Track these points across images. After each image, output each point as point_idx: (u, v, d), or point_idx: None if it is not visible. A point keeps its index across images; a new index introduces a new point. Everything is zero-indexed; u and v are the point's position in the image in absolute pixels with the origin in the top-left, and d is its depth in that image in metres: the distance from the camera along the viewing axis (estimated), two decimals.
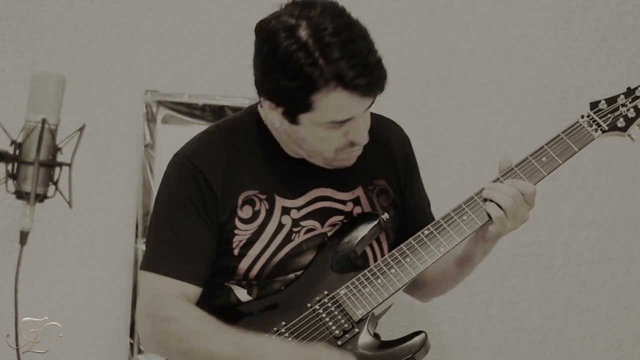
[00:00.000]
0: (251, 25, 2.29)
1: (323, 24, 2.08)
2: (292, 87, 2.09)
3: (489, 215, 2.21)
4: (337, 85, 2.08)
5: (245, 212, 2.26)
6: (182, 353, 2.19)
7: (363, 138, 2.20)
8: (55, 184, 2.37)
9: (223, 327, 2.17)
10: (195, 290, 2.23)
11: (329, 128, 2.16)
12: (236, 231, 2.25)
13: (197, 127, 2.83)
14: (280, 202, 2.27)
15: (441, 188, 3.04)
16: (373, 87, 2.11)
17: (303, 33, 2.08)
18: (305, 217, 2.28)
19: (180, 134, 2.40)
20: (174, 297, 2.19)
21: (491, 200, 2.21)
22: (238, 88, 3.01)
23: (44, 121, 2.23)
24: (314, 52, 2.07)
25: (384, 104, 2.30)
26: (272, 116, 2.20)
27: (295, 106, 2.13)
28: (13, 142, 2.36)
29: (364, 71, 2.08)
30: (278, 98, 2.14)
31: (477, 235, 2.27)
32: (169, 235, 2.23)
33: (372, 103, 2.18)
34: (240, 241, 2.26)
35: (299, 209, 2.28)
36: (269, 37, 2.11)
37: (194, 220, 2.23)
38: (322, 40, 2.07)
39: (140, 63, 3.01)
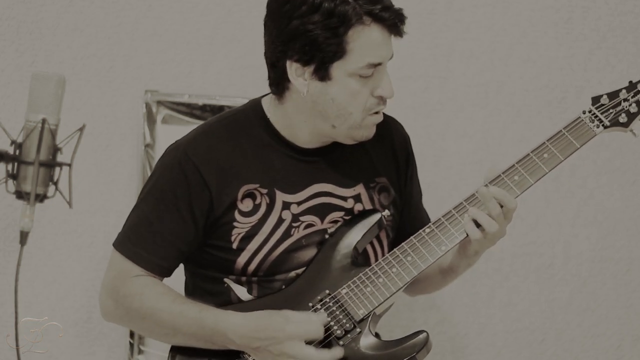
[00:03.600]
0: (251, 25, 2.30)
1: None
2: (327, 30, 2.14)
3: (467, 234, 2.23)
4: (369, 19, 2.15)
5: (246, 205, 2.26)
6: (146, 328, 2.31)
7: (391, 91, 2.24)
8: (55, 184, 2.36)
9: (184, 302, 2.24)
10: (158, 279, 2.29)
11: (360, 79, 2.18)
12: (235, 224, 2.26)
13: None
14: (280, 196, 2.28)
15: (441, 188, 3.04)
16: (399, 19, 2.19)
17: None
18: (304, 212, 2.29)
19: (180, 134, 2.40)
20: (137, 275, 2.26)
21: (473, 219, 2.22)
22: (238, 88, 3.01)
23: (44, 121, 2.22)
24: None
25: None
26: (299, 82, 2.21)
27: (329, 54, 2.16)
28: (13, 142, 2.35)
29: (388, 6, 2.18)
30: (311, 52, 2.17)
31: (459, 251, 2.29)
32: (143, 221, 2.28)
33: (392, 56, 2.24)
34: (239, 234, 2.26)
35: (299, 203, 2.28)
36: None
37: (171, 212, 2.25)
38: None
39: (140, 63, 3.01)
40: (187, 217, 2.25)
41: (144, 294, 2.25)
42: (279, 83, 2.25)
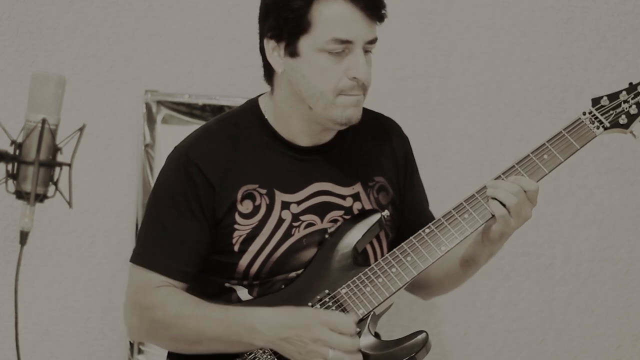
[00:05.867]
0: (251, 25, 2.30)
1: None
2: (292, 2, 2.15)
3: (492, 214, 2.21)
4: None
5: (245, 206, 2.26)
6: (172, 338, 2.24)
7: (364, 74, 2.20)
8: (55, 184, 2.36)
9: (208, 306, 2.21)
10: (181, 286, 2.26)
11: (329, 56, 2.17)
12: (236, 226, 2.26)
13: (197, 127, 2.83)
14: (280, 196, 2.27)
15: (441, 188, 3.04)
16: (372, 4, 2.16)
17: None
18: (304, 212, 2.28)
19: (180, 134, 2.41)
20: (157, 286, 2.23)
21: (494, 199, 2.21)
22: (238, 88, 3.01)
23: (44, 121, 2.22)
24: None
25: (385, 104, 2.31)
26: (276, 61, 2.22)
27: (295, 28, 2.16)
28: (13, 142, 2.35)
29: None
30: (279, 27, 2.18)
31: (482, 237, 2.26)
32: (158, 229, 2.26)
33: (375, 41, 2.20)
34: (240, 236, 2.25)
35: (298, 203, 2.28)
36: None
37: (185, 216, 2.24)
38: None
39: (140, 63, 3.01)
40: (201, 218, 2.24)
41: (167, 302, 2.22)
42: (265, 66, 2.28)
